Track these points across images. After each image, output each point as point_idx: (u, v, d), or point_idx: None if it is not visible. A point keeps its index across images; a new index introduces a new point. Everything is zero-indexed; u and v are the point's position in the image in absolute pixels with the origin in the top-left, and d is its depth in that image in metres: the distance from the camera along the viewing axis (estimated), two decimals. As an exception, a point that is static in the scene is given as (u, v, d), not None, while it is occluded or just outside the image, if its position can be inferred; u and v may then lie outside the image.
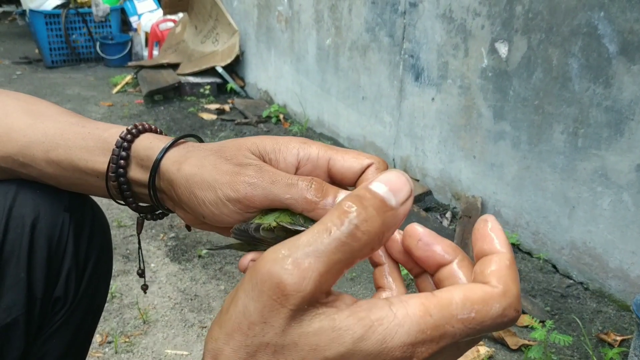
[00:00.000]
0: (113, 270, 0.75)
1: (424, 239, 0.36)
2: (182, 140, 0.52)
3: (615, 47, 1.58)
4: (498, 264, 0.33)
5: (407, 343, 0.30)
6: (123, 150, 0.51)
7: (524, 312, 1.68)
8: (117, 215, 2.24)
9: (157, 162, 0.50)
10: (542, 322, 1.56)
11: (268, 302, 0.29)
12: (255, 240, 0.45)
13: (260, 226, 0.44)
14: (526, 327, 1.61)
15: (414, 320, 0.30)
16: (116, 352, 1.53)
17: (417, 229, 0.37)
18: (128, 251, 2.02)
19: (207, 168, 0.47)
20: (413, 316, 0.30)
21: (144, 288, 0.68)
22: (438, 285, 0.37)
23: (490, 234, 0.35)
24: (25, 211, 0.58)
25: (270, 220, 0.44)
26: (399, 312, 0.30)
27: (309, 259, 0.29)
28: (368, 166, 0.46)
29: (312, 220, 0.43)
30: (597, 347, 1.54)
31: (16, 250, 0.57)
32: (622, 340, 1.55)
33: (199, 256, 2.00)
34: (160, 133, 0.56)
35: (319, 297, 0.30)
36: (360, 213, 0.30)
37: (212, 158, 0.47)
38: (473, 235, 0.36)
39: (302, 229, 0.43)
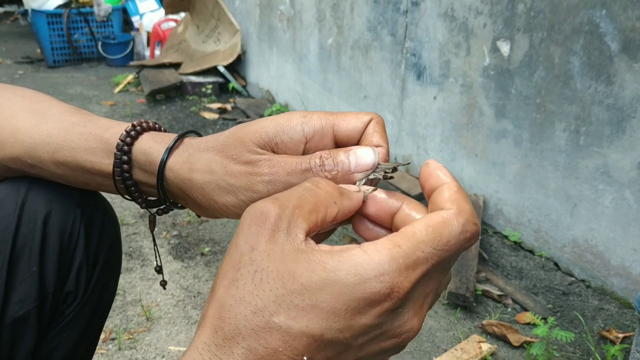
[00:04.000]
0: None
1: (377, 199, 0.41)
2: (180, 138, 0.51)
3: (617, 45, 1.59)
4: (448, 191, 0.37)
5: (381, 273, 0.32)
6: (124, 154, 0.51)
7: (525, 310, 1.68)
8: (120, 213, 2.25)
9: (162, 169, 0.49)
10: (544, 319, 1.57)
11: (254, 229, 0.34)
12: None
13: None
14: (528, 324, 1.61)
15: (384, 253, 0.32)
16: (120, 349, 1.54)
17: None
18: (131, 249, 2.03)
19: (219, 174, 0.46)
20: (382, 249, 0.33)
21: (163, 284, 0.68)
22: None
23: (435, 171, 0.38)
24: (37, 206, 0.59)
25: None
26: (369, 249, 0.33)
27: (286, 196, 0.36)
28: (369, 122, 0.46)
29: None
30: (599, 344, 1.54)
31: (28, 244, 0.58)
32: (624, 338, 1.56)
33: (202, 254, 2.01)
34: (159, 129, 0.55)
35: (297, 230, 0.34)
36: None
37: (219, 159, 0.46)
38: (420, 181, 0.39)
39: None
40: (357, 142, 0.46)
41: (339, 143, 0.47)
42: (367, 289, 0.31)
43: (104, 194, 0.68)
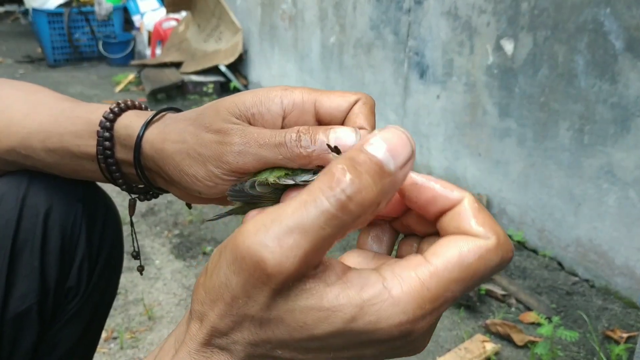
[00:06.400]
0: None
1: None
2: (161, 114, 0.50)
3: (621, 44, 1.58)
4: (471, 210, 0.31)
5: (404, 322, 0.28)
6: (106, 131, 0.50)
7: (529, 309, 1.67)
8: (120, 212, 2.24)
9: (138, 142, 0.48)
10: (548, 318, 1.56)
11: (250, 279, 0.27)
12: (254, 198, 0.42)
13: (255, 182, 0.42)
14: (532, 323, 1.60)
15: (411, 297, 0.28)
16: (122, 348, 1.53)
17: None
18: (132, 248, 2.02)
19: (189, 143, 0.44)
20: (409, 293, 0.28)
21: (140, 270, 0.67)
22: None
23: (436, 188, 0.32)
24: (38, 201, 0.58)
25: (266, 175, 0.42)
26: (394, 290, 0.28)
27: (293, 236, 0.26)
28: (355, 102, 0.43)
29: (309, 170, 0.41)
30: (603, 344, 1.53)
31: (30, 239, 0.57)
32: (629, 337, 1.55)
33: (204, 253, 2.00)
34: (145, 109, 0.54)
35: (305, 272, 0.28)
36: (353, 182, 0.27)
37: (192, 129, 0.45)
38: (417, 205, 0.33)
39: (300, 182, 0.41)
40: (341, 122, 0.43)
41: (321, 122, 0.44)
42: (385, 334, 0.28)
43: (109, 191, 0.67)
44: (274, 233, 0.26)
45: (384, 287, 0.28)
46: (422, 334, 0.30)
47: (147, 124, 0.48)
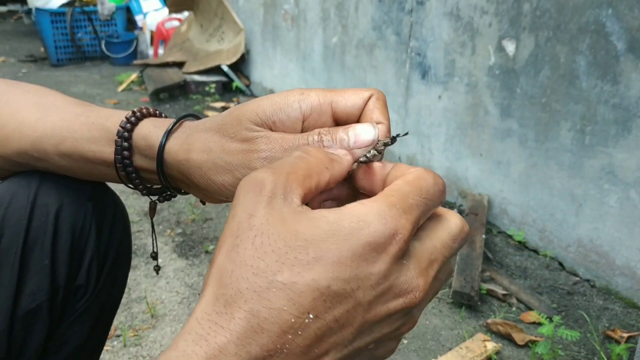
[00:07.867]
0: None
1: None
2: (179, 122, 0.51)
3: (623, 45, 1.59)
4: (401, 166, 0.39)
5: (383, 216, 0.32)
6: (124, 140, 0.51)
7: (530, 309, 1.68)
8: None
9: (161, 152, 0.49)
10: (549, 318, 1.57)
11: (251, 197, 0.33)
12: None
13: None
14: (533, 323, 1.61)
15: (381, 201, 0.34)
16: (125, 346, 1.54)
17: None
18: (135, 246, 2.03)
19: (216, 152, 0.46)
20: (378, 199, 0.34)
21: (156, 269, 0.68)
22: None
23: (377, 174, 0.40)
24: (49, 200, 0.59)
25: None
26: (365, 201, 0.34)
27: (279, 164, 0.36)
28: (369, 98, 0.45)
29: None
30: (603, 344, 1.54)
31: (40, 237, 0.58)
32: (629, 337, 1.56)
33: (206, 251, 2.01)
34: (160, 115, 0.55)
35: (293, 196, 0.34)
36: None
37: (216, 139, 0.47)
38: (371, 187, 0.40)
39: None
40: (357, 120, 0.45)
41: (338, 121, 0.46)
42: (372, 232, 0.32)
43: (114, 189, 0.68)
44: (267, 167, 0.36)
45: (357, 203, 0.34)
46: (409, 247, 0.35)
47: (168, 134, 0.50)
